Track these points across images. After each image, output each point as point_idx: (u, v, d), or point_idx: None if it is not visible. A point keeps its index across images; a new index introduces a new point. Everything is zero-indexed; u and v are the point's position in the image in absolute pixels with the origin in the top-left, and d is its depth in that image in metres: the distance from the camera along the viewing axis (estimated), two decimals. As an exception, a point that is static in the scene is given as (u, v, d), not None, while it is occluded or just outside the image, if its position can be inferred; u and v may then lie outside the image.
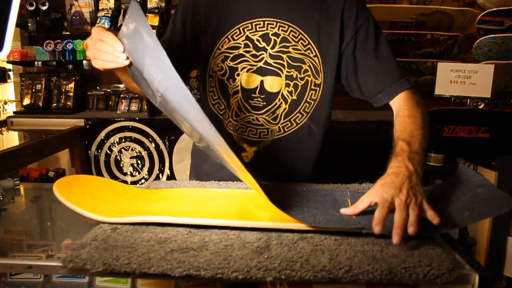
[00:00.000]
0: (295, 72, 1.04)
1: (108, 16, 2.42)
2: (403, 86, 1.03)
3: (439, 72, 2.08)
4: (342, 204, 0.85)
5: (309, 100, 1.06)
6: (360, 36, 1.04)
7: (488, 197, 0.77)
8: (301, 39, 1.03)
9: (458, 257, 0.71)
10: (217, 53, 1.06)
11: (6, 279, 0.89)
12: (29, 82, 2.51)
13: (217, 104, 1.10)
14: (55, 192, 0.81)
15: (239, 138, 1.09)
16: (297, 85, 1.04)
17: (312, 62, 1.04)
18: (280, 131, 1.07)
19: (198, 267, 0.61)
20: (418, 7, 2.37)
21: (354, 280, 0.61)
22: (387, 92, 1.03)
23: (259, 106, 1.06)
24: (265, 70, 1.04)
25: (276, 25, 1.03)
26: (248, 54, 1.04)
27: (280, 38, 1.03)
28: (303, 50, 1.03)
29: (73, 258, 0.62)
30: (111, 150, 2.27)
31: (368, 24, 1.04)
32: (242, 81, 1.05)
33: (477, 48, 2.23)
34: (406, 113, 0.96)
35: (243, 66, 1.04)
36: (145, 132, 2.23)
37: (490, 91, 1.99)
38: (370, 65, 1.04)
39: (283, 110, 1.06)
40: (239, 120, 1.07)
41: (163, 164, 2.26)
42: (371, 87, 1.05)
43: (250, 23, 1.04)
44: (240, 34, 1.04)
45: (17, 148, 1.67)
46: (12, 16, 0.99)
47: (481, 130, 1.82)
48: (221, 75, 1.07)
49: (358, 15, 1.04)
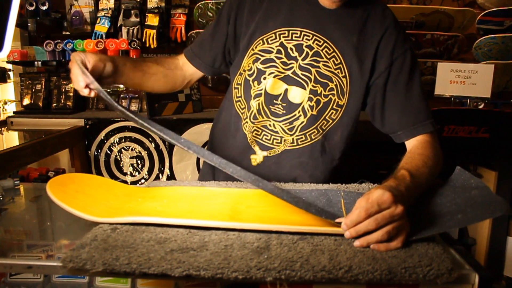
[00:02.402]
0: (321, 88, 1.03)
1: (108, 16, 2.42)
2: (426, 128, 1.00)
3: (439, 72, 2.08)
4: (335, 204, 0.85)
5: (327, 119, 1.05)
6: (394, 69, 1.01)
7: (482, 200, 0.77)
8: (334, 57, 1.02)
9: (458, 257, 0.71)
10: (251, 53, 1.07)
11: (6, 279, 0.89)
12: (29, 82, 2.51)
13: (238, 102, 1.10)
14: (48, 191, 0.81)
15: (252, 140, 1.08)
16: (319, 101, 1.03)
17: (340, 82, 1.03)
18: (293, 143, 1.06)
19: (198, 267, 0.61)
20: (418, 7, 2.37)
21: (354, 280, 0.61)
22: (409, 131, 1.01)
23: (278, 113, 1.05)
24: (292, 80, 1.04)
25: (312, 38, 1.02)
26: (278, 61, 1.04)
27: (313, 51, 1.02)
28: (333, 68, 1.02)
29: (73, 258, 0.62)
30: (111, 150, 2.27)
31: (405, 57, 1.02)
32: (267, 85, 1.05)
33: (477, 48, 2.23)
34: (419, 151, 0.94)
35: (271, 71, 1.04)
36: (145, 132, 2.23)
37: (490, 91, 1.99)
38: (398, 100, 1.02)
39: (301, 123, 1.05)
40: (256, 122, 1.07)
41: (163, 164, 2.26)
42: (394, 122, 1.03)
43: (287, 31, 1.04)
44: (275, 39, 1.04)
45: (17, 148, 1.67)
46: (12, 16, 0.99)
47: (481, 130, 1.82)
48: (248, 75, 1.07)
49: (396, 46, 1.01)
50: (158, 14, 2.38)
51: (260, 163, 1.08)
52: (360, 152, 2.16)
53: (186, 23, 2.48)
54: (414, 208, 0.81)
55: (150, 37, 2.38)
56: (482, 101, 2.03)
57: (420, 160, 0.89)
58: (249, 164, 1.09)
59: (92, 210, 0.79)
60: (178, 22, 2.48)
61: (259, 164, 1.08)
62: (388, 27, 1.02)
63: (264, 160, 1.08)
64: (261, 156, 1.08)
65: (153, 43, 2.38)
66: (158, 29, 2.38)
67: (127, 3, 2.42)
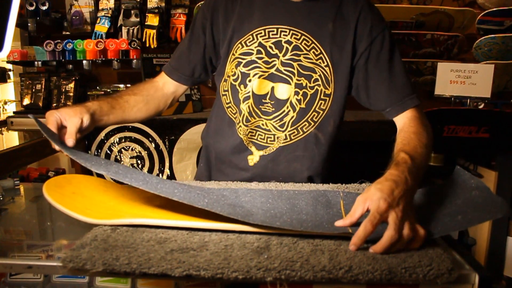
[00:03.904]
0: (305, 81, 1.04)
1: (108, 16, 2.42)
2: (414, 102, 1.02)
3: (439, 72, 2.08)
4: (334, 205, 0.85)
5: (317, 110, 1.06)
6: (374, 48, 1.03)
7: (482, 201, 0.77)
8: (313, 48, 1.03)
9: (458, 257, 0.71)
10: (232, 58, 1.08)
11: (6, 279, 0.89)
12: (29, 82, 2.50)
13: (229, 108, 1.12)
14: (45, 193, 0.81)
15: (248, 141, 1.10)
16: (306, 93, 1.04)
17: (323, 72, 1.04)
18: (286, 139, 1.07)
19: (198, 267, 0.61)
20: (418, 7, 2.37)
21: (354, 280, 0.61)
22: (398, 106, 1.02)
23: (268, 111, 1.06)
24: (276, 77, 1.05)
25: (289, 33, 1.04)
26: (260, 61, 1.05)
27: (292, 46, 1.03)
28: (314, 59, 1.03)
29: (73, 258, 0.62)
30: (111, 150, 2.27)
31: (384, 36, 1.04)
32: (253, 87, 1.06)
33: (477, 48, 2.22)
34: (412, 129, 0.94)
35: (255, 72, 1.05)
36: (145, 132, 2.23)
37: (490, 91, 1.98)
38: (382, 77, 1.03)
39: (291, 118, 1.06)
40: (249, 124, 1.08)
41: (163, 164, 2.26)
42: (381, 99, 1.04)
43: (264, 30, 1.05)
44: (253, 40, 1.05)
45: (17, 148, 1.67)
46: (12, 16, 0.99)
47: (481, 130, 1.81)
48: (234, 80, 1.08)
49: (373, 26, 1.03)
50: (158, 14, 2.38)
51: (257, 162, 1.09)
52: (360, 152, 2.16)
53: (186, 23, 2.47)
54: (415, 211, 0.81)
55: (150, 37, 2.38)
56: (482, 101, 2.03)
57: (416, 140, 0.89)
58: (246, 165, 1.10)
59: (89, 212, 0.79)
60: (178, 22, 2.48)
61: (256, 163, 1.09)
62: (362, 9, 1.04)
63: (260, 159, 1.09)
64: (258, 155, 1.09)
65: (153, 43, 2.37)
66: (158, 29, 2.38)
67: (127, 3, 2.42)
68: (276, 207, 0.83)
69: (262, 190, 0.92)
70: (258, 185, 1.04)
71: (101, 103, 1.00)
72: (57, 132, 0.88)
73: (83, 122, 0.92)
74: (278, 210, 0.82)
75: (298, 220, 0.77)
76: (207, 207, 0.74)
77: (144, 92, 1.12)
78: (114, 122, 1.06)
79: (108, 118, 1.01)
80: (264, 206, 0.83)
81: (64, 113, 0.91)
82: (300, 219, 0.78)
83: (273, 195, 0.90)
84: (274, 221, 0.75)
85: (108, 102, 1.03)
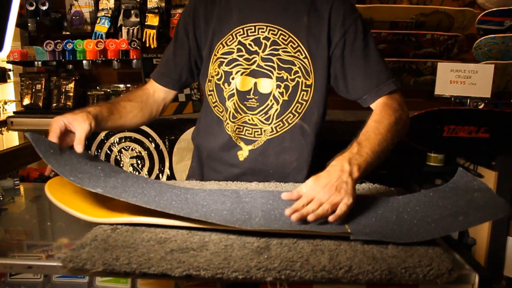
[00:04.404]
0: (286, 74, 1.07)
1: (108, 16, 2.42)
2: (389, 87, 1.04)
3: (439, 72, 2.08)
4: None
5: (300, 101, 1.09)
6: (348, 37, 1.06)
7: (484, 202, 0.77)
8: (291, 42, 1.07)
9: (458, 257, 0.71)
10: (214, 59, 1.11)
11: (6, 279, 0.89)
12: (29, 82, 2.50)
13: (216, 107, 1.15)
14: (47, 192, 0.81)
15: (236, 138, 1.12)
16: (288, 86, 1.07)
17: (302, 64, 1.07)
18: (273, 131, 1.10)
19: (198, 267, 0.61)
20: (418, 7, 2.37)
21: (354, 280, 0.61)
22: (374, 93, 1.05)
23: (253, 106, 1.10)
24: (258, 73, 1.08)
25: (266, 29, 1.07)
26: (241, 58, 1.08)
27: (270, 41, 1.07)
28: (292, 52, 1.07)
29: (73, 258, 0.62)
30: (111, 150, 2.27)
31: (357, 25, 1.06)
32: (237, 84, 1.09)
33: (477, 48, 2.22)
34: (375, 117, 0.98)
35: (238, 70, 1.08)
36: (145, 132, 2.23)
37: (490, 91, 1.98)
38: (357, 65, 1.06)
39: (275, 111, 1.09)
40: (236, 121, 1.11)
41: (163, 164, 2.26)
42: (358, 87, 1.07)
43: (242, 29, 1.08)
44: (233, 40, 1.09)
45: (17, 148, 1.67)
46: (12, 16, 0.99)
47: (481, 130, 1.81)
48: (217, 79, 1.12)
49: (345, 16, 1.06)
50: (158, 14, 2.38)
51: (247, 157, 1.12)
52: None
53: (186, 23, 2.47)
54: (416, 211, 0.81)
55: (150, 37, 2.37)
56: (482, 101, 2.02)
57: (374, 128, 0.94)
58: (236, 160, 1.13)
59: (90, 210, 0.79)
60: (178, 22, 2.47)
61: (246, 158, 1.12)
62: (334, 1, 1.08)
63: (250, 153, 1.12)
64: (247, 150, 1.12)
65: (153, 43, 2.37)
66: (158, 29, 2.37)
67: (127, 3, 2.42)
68: (276, 208, 0.83)
69: (262, 192, 0.93)
70: (258, 185, 1.04)
71: (100, 108, 1.02)
72: (58, 139, 0.89)
73: (91, 128, 0.94)
74: (279, 211, 0.82)
75: (298, 222, 0.77)
76: (203, 218, 0.73)
77: (138, 99, 1.15)
78: (112, 128, 1.08)
79: (106, 123, 1.03)
80: (264, 207, 0.84)
81: (72, 118, 0.92)
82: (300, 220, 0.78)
83: (273, 196, 0.90)
84: (273, 223, 0.75)
85: (107, 107, 1.05)
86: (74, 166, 0.85)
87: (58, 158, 0.85)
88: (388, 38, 2.29)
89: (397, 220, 0.79)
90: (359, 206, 0.84)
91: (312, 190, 0.80)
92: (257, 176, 1.11)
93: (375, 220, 0.79)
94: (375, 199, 0.89)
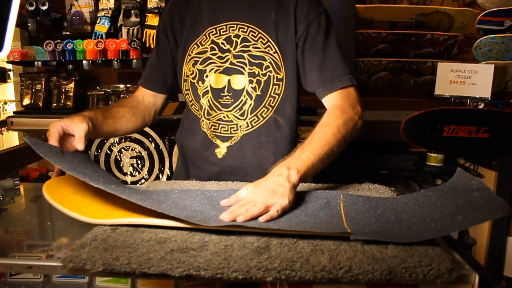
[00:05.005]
0: (257, 69, 1.10)
1: (108, 16, 2.42)
2: (344, 83, 1.07)
3: (439, 72, 2.08)
4: (334, 207, 0.85)
5: (273, 95, 1.11)
6: (311, 30, 1.09)
7: (483, 201, 0.77)
8: (261, 38, 1.10)
9: (458, 257, 0.71)
10: (188, 59, 1.15)
11: (6, 279, 0.89)
12: (29, 82, 2.50)
13: (193, 106, 1.18)
14: (45, 193, 0.81)
15: (212, 135, 1.15)
16: (260, 81, 1.10)
17: (273, 58, 1.10)
18: (248, 126, 1.13)
19: (198, 267, 0.61)
20: (418, 7, 2.37)
21: (354, 280, 0.61)
22: (327, 87, 1.07)
23: (228, 103, 1.12)
24: (231, 70, 1.11)
25: (236, 27, 1.11)
26: (214, 57, 1.11)
27: (241, 38, 1.10)
28: (263, 48, 1.10)
29: (73, 258, 0.62)
30: (111, 150, 2.27)
31: (320, 19, 1.09)
32: (211, 81, 1.12)
33: (477, 48, 2.22)
34: (322, 121, 1.00)
35: (211, 68, 1.12)
36: (145, 132, 2.23)
37: (490, 91, 1.98)
38: (315, 59, 1.08)
39: (249, 106, 1.12)
40: (211, 118, 1.14)
41: (163, 164, 2.26)
42: (313, 80, 1.10)
43: (215, 28, 1.12)
44: (207, 39, 1.12)
45: (17, 148, 1.67)
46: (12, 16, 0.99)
47: (481, 130, 1.81)
48: (192, 78, 1.15)
49: (309, 10, 1.09)
50: (158, 14, 2.38)
51: (225, 154, 1.14)
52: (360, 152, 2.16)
53: (186, 23, 2.47)
54: (415, 211, 0.81)
55: (150, 37, 2.37)
56: (482, 101, 2.03)
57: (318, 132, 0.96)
58: (215, 158, 1.15)
59: (89, 212, 0.79)
60: (178, 22, 2.48)
61: (224, 155, 1.14)
62: None
63: (228, 150, 1.14)
64: (224, 147, 1.14)
65: (153, 43, 2.37)
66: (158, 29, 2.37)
67: (127, 3, 2.42)
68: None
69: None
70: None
71: (95, 113, 1.03)
72: (58, 143, 0.89)
73: (89, 128, 0.95)
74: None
75: (297, 222, 0.77)
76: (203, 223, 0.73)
77: (129, 105, 1.17)
78: (107, 133, 1.09)
79: (102, 128, 1.04)
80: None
81: (69, 122, 0.93)
82: (299, 221, 0.78)
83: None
84: (272, 224, 0.75)
85: (101, 112, 1.06)
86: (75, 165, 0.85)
87: (60, 157, 0.85)
88: (388, 38, 2.29)
89: (396, 220, 0.79)
90: (358, 207, 0.84)
91: (250, 193, 0.83)
92: (236, 174, 1.13)
93: (374, 220, 0.79)
94: (374, 199, 0.89)
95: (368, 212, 0.82)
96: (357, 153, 2.12)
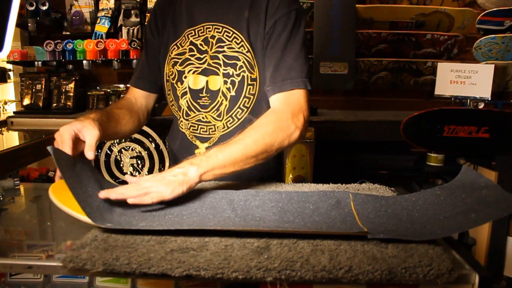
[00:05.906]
0: (231, 69, 1.09)
1: (108, 16, 2.42)
2: (294, 85, 1.03)
3: (439, 72, 2.08)
4: (345, 206, 0.84)
5: (248, 95, 1.11)
6: (277, 27, 1.06)
7: (493, 199, 0.77)
8: (235, 38, 1.09)
9: (458, 257, 0.71)
10: (169, 60, 1.15)
11: (6, 279, 0.89)
12: (29, 82, 2.50)
13: (173, 106, 1.18)
14: (51, 195, 0.81)
15: (191, 136, 1.16)
16: (234, 81, 1.10)
17: (246, 58, 1.09)
18: (224, 127, 1.13)
19: (198, 267, 0.61)
20: (418, 7, 2.37)
21: (354, 280, 0.61)
22: (276, 86, 1.04)
23: (206, 104, 1.12)
24: (208, 71, 1.11)
25: (212, 28, 1.10)
26: (193, 58, 1.11)
27: (216, 39, 1.10)
28: (237, 48, 1.09)
29: (73, 258, 0.62)
30: (111, 150, 2.27)
31: (289, 17, 1.06)
32: (189, 82, 1.12)
33: (477, 48, 2.22)
34: (255, 123, 0.98)
35: (190, 69, 1.12)
36: (145, 132, 2.23)
37: (490, 91, 1.98)
38: (274, 56, 1.06)
39: (225, 107, 1.11)
40: (190, 119, 1.14)
41: (163, 164, 2.26)
42: (267, 77, 1.08)
43: (193, 30, 1.12)
44: (186, 40, 1.12)
45: (17, 148, 1.67)
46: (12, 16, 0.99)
47: (481, 130, 1.81)
48: (172, 79, 1.15)
49: (279, 8, 1.06)
50: (158, 14, 2.37)
51: None
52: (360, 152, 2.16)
53: (186, 23, 2.47)
54: (426, 209, 0.81)
55: (150, 37, 2.37)
56: (482, 101, 2.03)
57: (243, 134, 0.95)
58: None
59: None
60: (178, 22, 2.47)
61: None
62: None
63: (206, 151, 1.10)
64: (203, 148, 1.14)
65: (153, 43, 2.37)
66: (158, 29, 2.37)
67: (127, 3, 2.42)
68: (287, 210, 0.83)
69: (271, 193, 0.92)
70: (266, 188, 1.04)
71: (100, 115, 1.01)
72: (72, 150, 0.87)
73: (100, 134, 0.94)
74: (291, 213, 0.82)
75: (312, 223, 0.77)
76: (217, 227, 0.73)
77: (125, 106, 1.16)
78: (110, 136, 1.08)
79: (106, 130, 1.01)
80: (275, 209, 0.83)
81: (80, 126, 0.91)
82: (313, 221, 0.78)
83: (282, 198, 0.89)
84: (287, 226, 0.75)
85: (104, 114, 1.04)
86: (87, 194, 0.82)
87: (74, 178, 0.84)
88: (388, 38, 2.29)
89: (409, 218, 0.79)
90: (368, 206, 0.84)
91: (145, 179, 0.84)
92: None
93: (387, 219, 0.79)
94: (383, 198, 0.88)
95: (379, 211, 0.82)
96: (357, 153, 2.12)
